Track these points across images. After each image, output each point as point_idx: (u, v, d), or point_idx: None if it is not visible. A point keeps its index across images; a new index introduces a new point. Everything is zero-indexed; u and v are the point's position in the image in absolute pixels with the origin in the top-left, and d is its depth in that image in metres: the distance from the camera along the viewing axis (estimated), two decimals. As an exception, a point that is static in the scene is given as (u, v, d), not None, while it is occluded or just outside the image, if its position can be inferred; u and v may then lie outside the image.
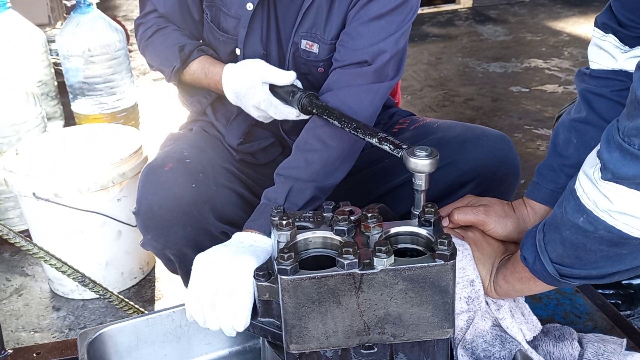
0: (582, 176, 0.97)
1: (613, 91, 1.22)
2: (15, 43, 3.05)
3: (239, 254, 1.16)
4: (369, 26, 1.45)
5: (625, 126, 0.87)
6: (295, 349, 1.03)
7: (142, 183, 1.47)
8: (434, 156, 1.13)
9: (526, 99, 3.96)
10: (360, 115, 1.45)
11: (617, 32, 1.20)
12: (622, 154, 0.88)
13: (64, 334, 2.12)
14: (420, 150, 1.14)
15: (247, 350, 1.41)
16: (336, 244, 1.06)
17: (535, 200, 1.29)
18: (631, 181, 0.88)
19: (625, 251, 0.97)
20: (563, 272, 1.06)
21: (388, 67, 1.48)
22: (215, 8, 1.58)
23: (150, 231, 1.47)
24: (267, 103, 1.46)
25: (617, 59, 1.21)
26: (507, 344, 1.20)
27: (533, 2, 6.13)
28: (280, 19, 1.54)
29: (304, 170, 1.39)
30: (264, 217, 1.28)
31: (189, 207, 1.42)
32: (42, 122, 2.71)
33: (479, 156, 1.49)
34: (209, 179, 1.48)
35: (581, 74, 1.31)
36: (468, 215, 1.27)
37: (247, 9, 1.51)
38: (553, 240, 1.05)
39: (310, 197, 1.37)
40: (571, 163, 1.24)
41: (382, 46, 1.46)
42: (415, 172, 1.15)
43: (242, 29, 1.54)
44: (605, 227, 0.94)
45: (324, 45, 1.52)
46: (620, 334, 1.36)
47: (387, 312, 1.01)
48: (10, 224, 2.53)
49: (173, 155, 1.52)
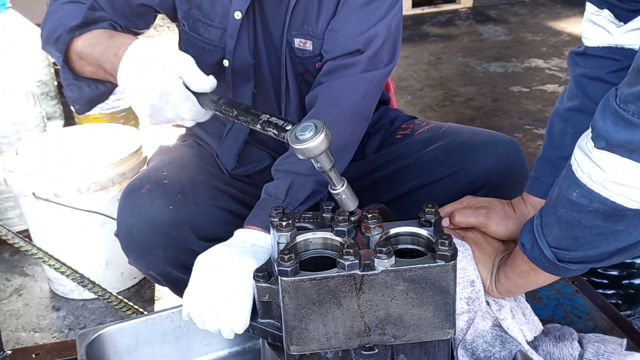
0: (576, 150, 0.97)
1: (609, 72, 1.20)
2: (15, 43, 3.05)
3: (240, 255, 1.16)
4: (359, 13, 1.42)
5: (623, 92, 0.87)
6: (295, 351, 1.03)
7: (120, 205, 1.44)
8: (319, 131, 1.03)
9: (526, 99, 3.95)
10: (356, 107, 1.41)
11: (612, 6, 1.17)
12: (615, 120, 0.87)
13: (63, 334, 2.12)
14: (302, 131, 1.04)
15: (246, 351, 1.41)
16: (336, 244, 1.06)
17: (535, 196, 1.28)
18: (624, 148, 0.87)
19: (621, 227, 0.96)
20: (561, 255, 1.05)
21: (382, 52, 1.44)
22: (192, 19, 1.48)
23: (131, 254, 1.45)
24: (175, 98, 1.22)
25: (613, 34, 1.18)
26: (508, 344, 1.20)
27: (533, 2, 6.12)
28: (270, 23, 1.48)
29: (303, 164, 1.34)
30: (265, 212, 1.26)
31: (168, 229, 1.39)
32: (41, 122, 2.71)
33: (490, 162, 1.47)
34: (188, 199, 1.44)
35: (574, 56, 1.28)
36: (469, 218, 1.26)
37: (235, 17, 1.43)
38: (549, 222, 1.04)
39: (311, 191, 1.35)
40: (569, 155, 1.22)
41: (373, 32, 1.42)
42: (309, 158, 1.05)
43: (229, 39, 1.45)
44: (599, 199, 0.93)
45: (317, 41, 1.48)
46: (621, 334, 1.36)
47: (388, 313, 1.01)
48: (10, 224, 2.53)
49: (152, 175, 1.47)
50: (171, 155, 1.61)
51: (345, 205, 1.13)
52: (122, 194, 1.45)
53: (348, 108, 1.41)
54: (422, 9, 5.99)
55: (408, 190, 1.57)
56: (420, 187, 1.55)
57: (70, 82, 1.39)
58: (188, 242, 1.41)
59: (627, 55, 1.17)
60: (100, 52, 1.30)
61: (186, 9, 1.48)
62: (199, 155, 1.64)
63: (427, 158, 1.55)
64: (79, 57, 1.35)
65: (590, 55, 1.24)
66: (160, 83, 1.21)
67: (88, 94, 1.41)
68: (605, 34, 1.20)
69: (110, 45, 1.29)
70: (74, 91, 1.40)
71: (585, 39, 1.25)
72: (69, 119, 3.38)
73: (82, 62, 1.36)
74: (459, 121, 3.63)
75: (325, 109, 1.41)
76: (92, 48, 1.32)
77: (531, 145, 3.33)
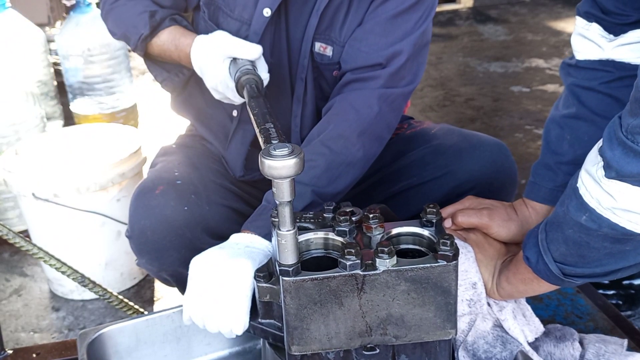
0: (584, 174, 0.97)
1: (602, 83, 1.20)
2: (15, 43, 3.05)
3: (236, 256, 1.15)
4: (385, 25, 1.38)
5: (628, 124, 0.86)
6: (296, 351, 1.03)
7: (133, 207, 1.43)
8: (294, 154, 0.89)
9: (527, 99, 3.95)
10: (367, 124, 1.37)
11: (600, 20, 1.17)
12: (625, 152, 0.87)
13: (63, 335, 2.12)
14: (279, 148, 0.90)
15: (247, 351, 1.41)
16: (338, 244, 1.06)
17: (535, 201, 1.28)
18: (635, 178, 0.88)
19: (629, 247, 0.96)
20: (566, 271, 1.05)
21: (404, 70, 1.40)
22: (214, 6, 1.47)
23: (144, 255, 1.44)
24: (224, 85, 1.33)
25: (604, 48, 1.18)
26: (509, 344, 1.20)
27: (534, 2, 6.13)
28: (292, 23, 1.44)
29: (306, 174, 1.30)
30: (262, 219, 1.26)
31: (182, 230, 1.39)
32: (41, 122, 2.71)
33: (476, 166, 1.46)
34: (201, 199, 1.44)
35: (566, 66, 1.27)
36: (472, 218, 1.26)
37: (265, 14, 1.39)
38: (556, 239, 1.04)
39: (310, 201, 1.32)
40: (567, 160, 1.23)
41: (398, 47, 1.38)
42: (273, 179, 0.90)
43: (253, 35, 1.42)
44: (608, 225, 0.93)
45: (338, 48, 1.43)
46: (621, 334, 1.36)
47: (390, 313, 1.00)
48: (10, 224, 2.53)
49: (164, 176, 1.47)
50: (178, 156, 1.60)
51: (282, 256, 0.97)
52: (133, 195, 1.44)
53: (358, 123, 1.37)
54: (422, 9, 5.98)
55: (397, 191, 1.56)
56: (408, 188, 1.55)
57: (164, 79, 1.57)
58: (201, 242, 1.41)
59: (619, 67, 1.17)
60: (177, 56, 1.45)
61: None
62: (205, 155, 1.64)
63: (416, 159, 1.55)
64: (158, 55, 1.51)
65: (582, 68, 1.23)
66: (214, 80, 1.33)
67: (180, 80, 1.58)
68: (596, 48, 1.19)
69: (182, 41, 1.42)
70: (174, 81, 1.57)
71: (576, 52, 1.24)
72: (69, 119, 3.38)
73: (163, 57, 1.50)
74: (459, 121, 3.64)
75: (335, 120, 1.38)
76: (169, 53, 1.47)
77: (531, 146, 3.33)
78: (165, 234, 1.39)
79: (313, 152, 1.36)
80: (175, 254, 1.41)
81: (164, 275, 1.50)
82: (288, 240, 0.96)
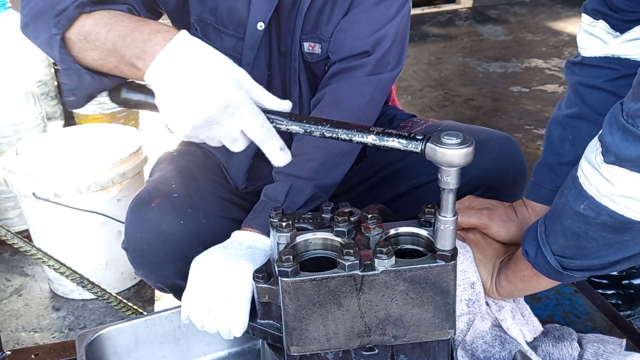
0: (583, 162, 0.96)
1: (606, 81, 1.20)
2: (15, 43, 3.05)
3: (236, 258, 1.15)
4: (369, 13, 1.39)
5: (630, 107, 0.86)
6: (295, 351, 1.03)
7: (129, 219, 1.41)
8: (468, 144, 0.92)
9: (526, 99, 3.96)
10: (361, 112, 1.39)
11: (608, 17, 1.17)
12: (624, 136, 0.87)
13: (63, 334, 2.12)
14: (448, 136, 0.93)
15: (246, 351, 1.41)
16: (336, 245, 1.06)
17: (535, 201, 1.28)
18: (634, 163, 0.87)
19: (627, 237, 0.96)
20: (565, 264, 1.05)
21: (389, 55, 1.42)
22: (203, 24, 1.42)
23: (140, 268, 1.43)
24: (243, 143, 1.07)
25: (610, 44, 1.18)
26: (507, 344, 1.20)
27: (533, 2, 6.13)
28: (283, 30, 1.43)
29: (303, 168, 1.34)
30: (263, 215, 1.25)
31: (178, 244, 1.38)
32: (42, 122, 2.71)
33: (486, 161, 1.44)
34: (198, 212, 1.42)
35: (571, 65, 1.28)
36: (472, 218, 1.26)
37: (258, 28, 1.37)
38: (554, 231, 1.04)
39: (310, 195, 1.33)
40: (569, 161, 1.22)
41: (382, 33, 1.39)
42: (442, 166, 0.94)
43: (249, 51, 1.39)
44: (607, 213, 0.93)
45: (325, 44, 1.44)
46: (620, 334, 1.36)
47: (388, 313, 1.01)
48: (10, 224, 2.53)
49: (161, 187, 1.45)
50: (177, 164, 1.57)
51: (440, 242, 0.98)
52: (130, 207, 1.43)
53: (352, 113, 1.38)
54: (422, 9, 5.99)
55: (406, 190, 1.56)
56: (417, 186, 1.54)
57: (68, 67, 1.07)
58: (197, 255, 1.41)
59: (624, 65, 1.17)
60: (121, 34, 1.01)
61: (199, 12, 1.42)
62: (205, 165, 1.61)
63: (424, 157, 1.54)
64: (83, 39, 1.05)
65: (587, 65, 1.23)
66: (228, 94, 0.98)
67: (88, 86, 1.08)
68: (601, 44, 1.19)
69: (140, 28, 1.01)
70: (72, 78, 1.08)
71: (582, 50, 1.25)
72: (69, 119, 3.38)
73: (87, 45, 1.05)
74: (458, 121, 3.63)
75: (327, 111, 1.39)
76: (109, 28, 1.02)
77: (531, 146, 3.33)
78: (161, 247, 1.38)
79: (309, 145, 1.37)
80: (171, 267, 1.39)
81: (161, 285, 1.49)
82: (449, 225, 0.98)
